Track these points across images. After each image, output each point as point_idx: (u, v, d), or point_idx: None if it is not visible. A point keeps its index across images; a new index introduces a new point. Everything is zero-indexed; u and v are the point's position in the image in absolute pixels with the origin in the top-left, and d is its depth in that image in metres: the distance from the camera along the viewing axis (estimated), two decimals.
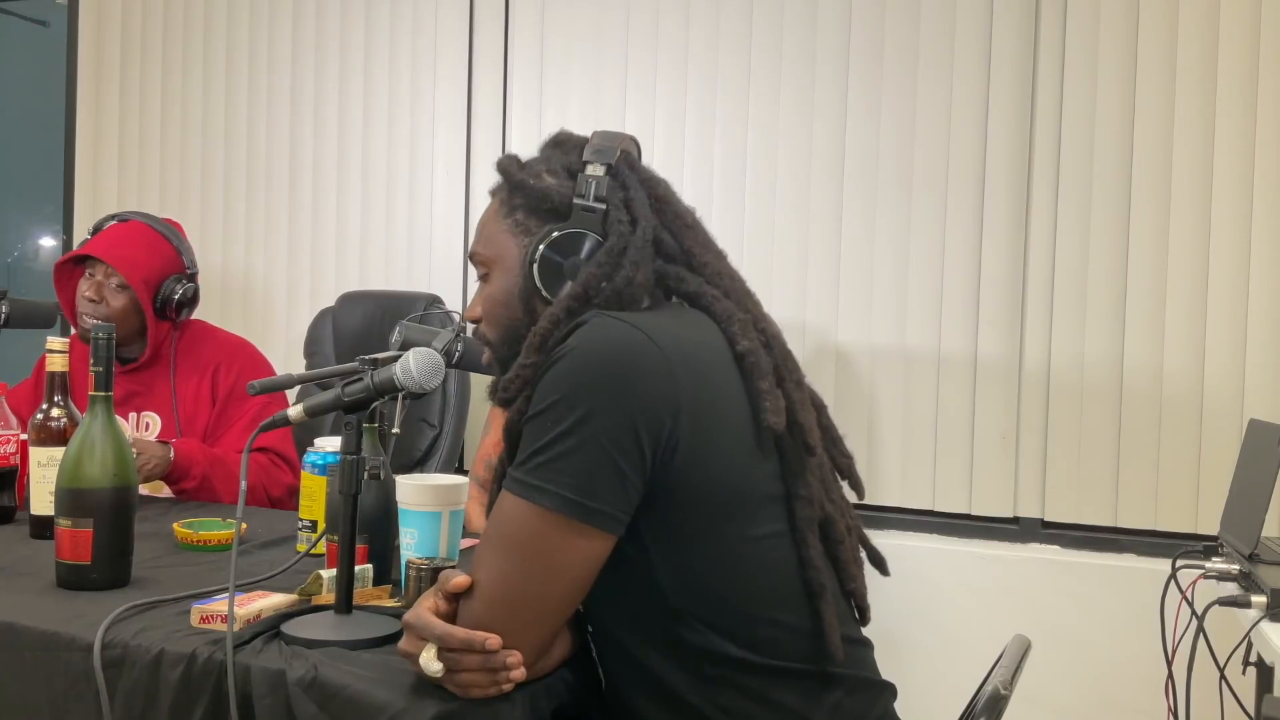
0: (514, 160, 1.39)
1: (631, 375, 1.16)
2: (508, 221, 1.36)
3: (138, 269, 2.32)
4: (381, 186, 3.31)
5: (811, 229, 2.85)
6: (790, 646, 1.25)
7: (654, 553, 1.21)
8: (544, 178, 1.35)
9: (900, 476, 2.78)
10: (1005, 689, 1.33)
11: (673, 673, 1.24)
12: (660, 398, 1.17)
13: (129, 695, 1.27)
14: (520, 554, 1.16)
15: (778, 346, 1.34)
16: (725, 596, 1.23)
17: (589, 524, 1.15)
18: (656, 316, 1.27)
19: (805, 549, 1.26)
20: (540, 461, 1.15)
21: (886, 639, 1.38)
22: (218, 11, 3.49)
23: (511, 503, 1.17)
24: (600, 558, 1.18)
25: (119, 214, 2.47)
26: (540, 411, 1.17)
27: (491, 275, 1.37)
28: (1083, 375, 2.64)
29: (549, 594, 1.18)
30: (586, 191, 1.31)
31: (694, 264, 1.36)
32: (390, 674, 1.20)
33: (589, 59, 3.06)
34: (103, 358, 1.54)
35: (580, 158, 1.33)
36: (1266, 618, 1.66)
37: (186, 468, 2.17)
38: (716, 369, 1.26)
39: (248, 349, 2.50)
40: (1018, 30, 2.69)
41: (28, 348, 2.82)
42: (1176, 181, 2.57)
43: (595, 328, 1.19)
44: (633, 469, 1.16)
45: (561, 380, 1.16)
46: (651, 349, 1.18)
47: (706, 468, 1.20)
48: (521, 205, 1.35)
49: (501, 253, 1.36)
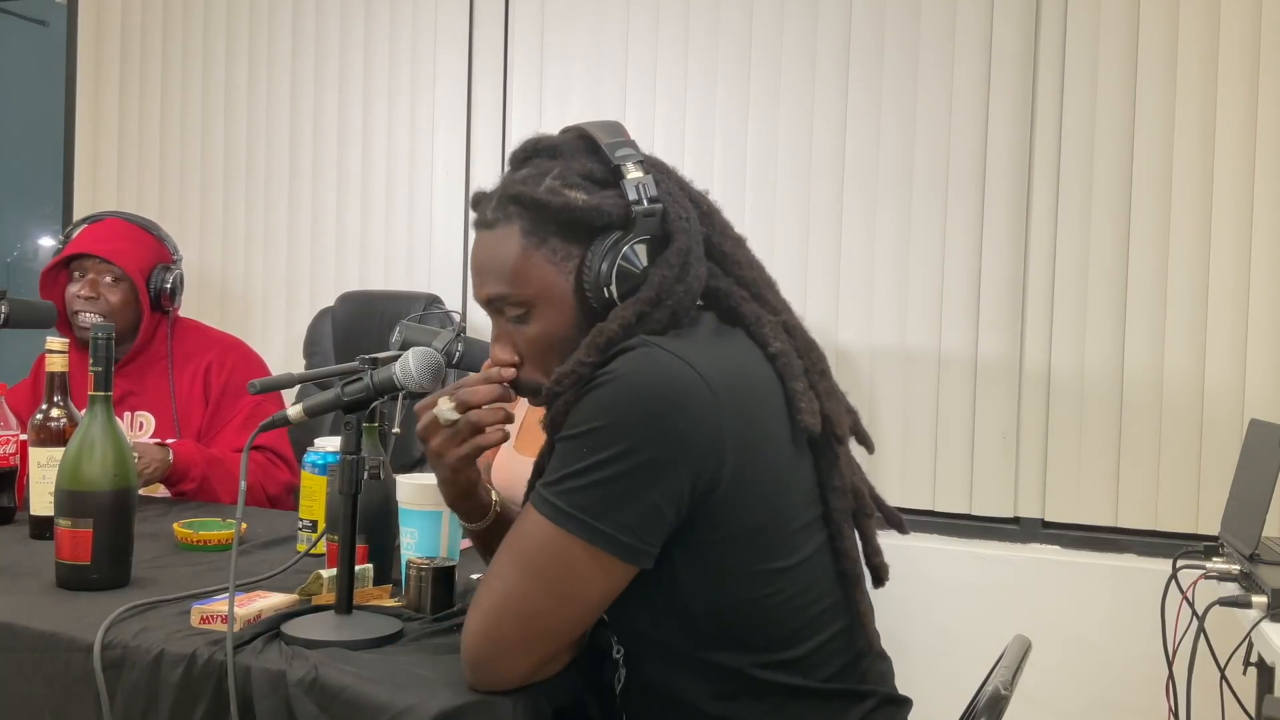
0: (526, 192, 1.24)
1: (678, 415, 1.12)
2: (542, 252, 1.23)
3: (132, 259, 2.33)
4: (381, 186, 3.31)
5: (811, 229, 2.85)
6: (819, 666, 1.24)
7: (685, 581, 1.19)
8: (565, 194, 1.23)
9: (900, 476, 2.78)
10: (1006, 689, 1.33)
11: (694, 688, 1.23)
12: (706, 440, 1.14)
13: (129, 696, 1.27)
14: (539, 574, 1.15)
15: (801, 338, 1.30)
16: (756, 623, 1.21)
17: (615, 555, 1.13)
18: (704, 346, 1.21)
19: (840, 540, 1.25)
20: (573, 486, 1.13)
21: (887, 639, 1.38)
22: (217, 11, 3.49)
23: (538, 522, 1.15)
24: (620, 587, 1.17)
25: (90, 216, 2.49)
26: (578, 434, 1.14)
27: (534, 314, 1.25)
28: (1083, 375, 2.64)
29: (562, 617, 1.17)
30: (641, 196, 1.22)
31: (726, 264, 1.30)
32: (391, 674, 1.20)
33: (589, 58, 3.05)
34: (102, 358, 1.54)
35: (601, 163, 1.25)
36: (1267, 618, 1.66)
37: (185, 470, 2.17)
38: (760, 394, 1.22)
39: (240, 347, 2.50)
40: (1018, 30, 2.68)
41: (27, 348, 2.82)
42: (1177, 181, 2.57)
43: (644, 357, 1.15)
44: (669, 506, 1.13)
45: (605, 408, 1.13)
46: (700, 387, 1.14)
47: (747, 503, 1.18)
48: (554, 231, 1.23)
49: (542, 288, 1.23)
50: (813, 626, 1.24)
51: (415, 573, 1.42)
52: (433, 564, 1.43)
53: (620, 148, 1.25)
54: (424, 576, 1.41)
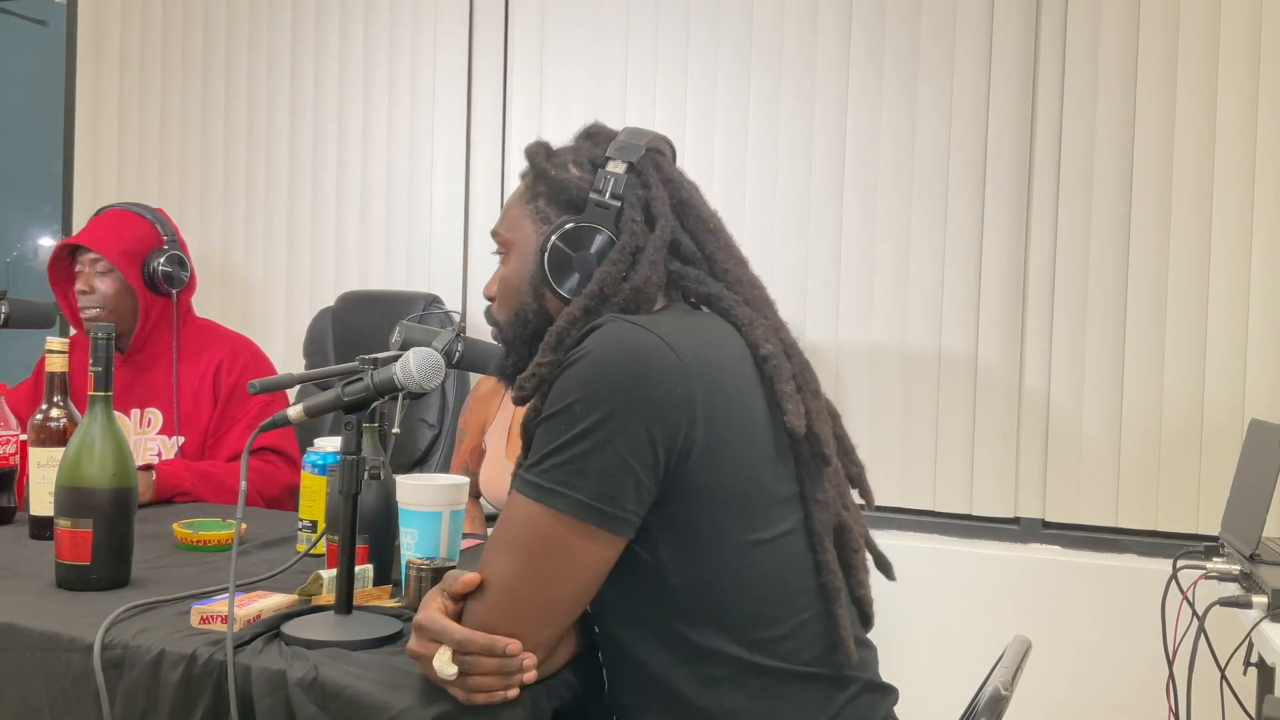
0: (543, 147, 1.40)
1: (647, 380, 1.16)
2: (530, 207, 1.37)
3: (110, 245, 2.33)
4: (381, 186, 3.31)
5: (811, 229, 2.85)
6: (799, 649, 1.24)
7: (664, 553, 1.21)
8: (569, 168, 1.36)
9: (900, 476, 2.78)
10: (1006, 689, 1.33)
11: (679, 675, 1.23)
12: (676, 403, 1.16)
13: (129, 696, 1.27)
14: (530, 556, 1.16)
15: (796, 356, 1.33)
16: (735, 598, 1.22)
17: (601, 527, 1.15)
18: (672, 320, 1.27)
19: (821, 553, 1.26)
20: (554, 464, 1.15)
21: (886, 639, 1.38)
22: (217, 11, 3.49)
23: (522, 504, 1.17)
24: (610, 561, 1.18)
25: (100, 209, 2.49)
26: (554, 414, 1.17)
27: (509, 257, 1.39)
28: (1083, 375, 2.64)
29: (558, 597, 1.18)
30: (604, 187, 1.31)
31: (715, 270, 1.36)
32: (391, 674, 1.20)
33: (589, 59, 3.05)
34: (102, 358, 1.54)
35: (605, 153, 1.34)
36: (1267, 618, 1.66)
37: (170, 490, 2.16)
38: (732, 372, 1.25)
39: (250, 347, 2.50)
40: (1018, 31, 2.68)
41: (28, 348, 2.82)
42: (1177, 181, 2.57)
43: (611, 331, 1.19)
44: (646, 473, 1.16)
45: (577, 383, 1.16)
46: (667, 353, 1.18)
47: (720, 471, 1.20)
48: (544, 193, 1.36)
49: (520, 237, 1.37)
50: (792, 606, 1.24)
51: (415, 573, 1.42)
52: (432, 564, 1.43)
53: (628, 149, 1.33)
54: (424, 577, 1.41)
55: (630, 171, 1.32)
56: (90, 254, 2.33)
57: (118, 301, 2.34)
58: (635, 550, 1.20)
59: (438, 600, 1.18)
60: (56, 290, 2.39)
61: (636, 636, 1.26)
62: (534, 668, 1.15)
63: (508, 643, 1.13)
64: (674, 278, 1.34)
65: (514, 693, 1.15)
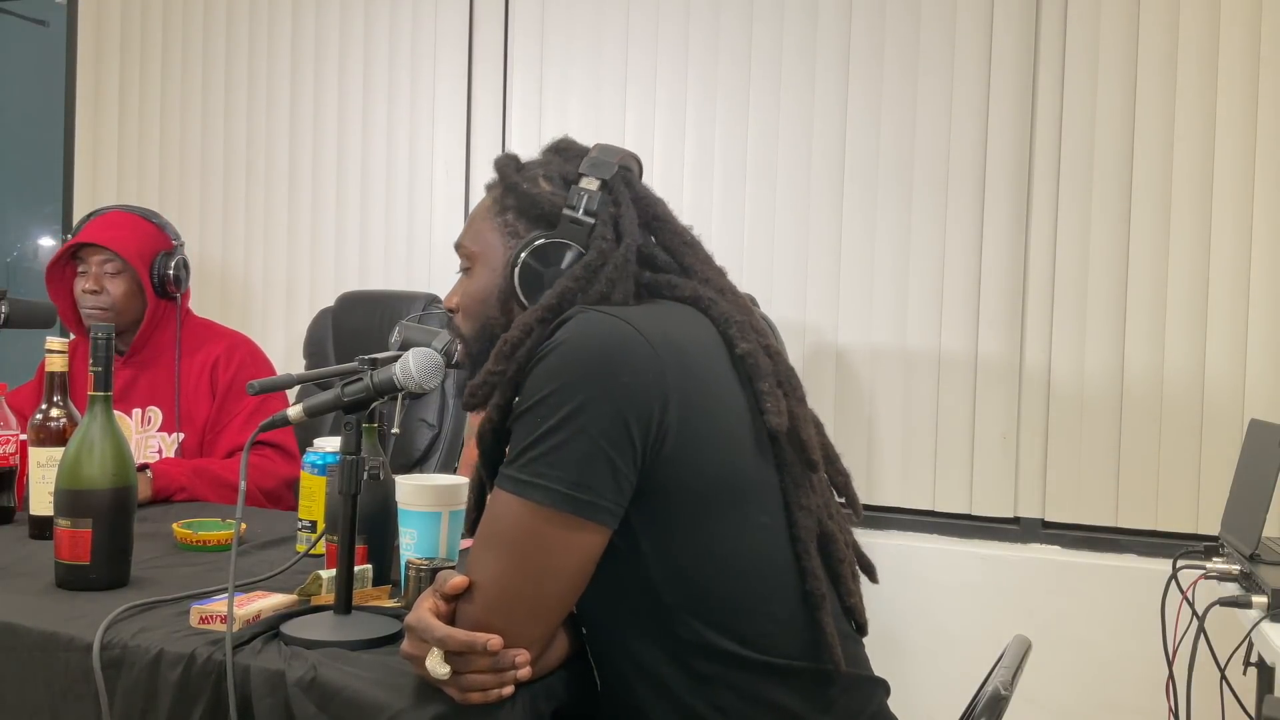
0: (513, 160, 1.39)
1: (619, 367, 1.16)
2: (498, 220, 1.36)
3: (130, 245, 2.33)
4: (381, 186, 3.31)
5: (811, 229, 2.85)
6: (784, 642, 1.24)
7: (645, 546, 1.21)
8: (540, 183, 1.35)
9: (900, 477, 2.78)
10: (1006, 689, 1.33)
11: (667, 671, 1.23)
12: (648, 388, 1.17)
13: (128, 695, 1.27)
14: (516, 551, 1.16)
15: (780, 360, 1.33)
16: (717, 590, 1.22)
17: (583, 517, 1.15)
18: (644, 310, 1.27)
19: (806, 559, 1.26)
20: (532, 457, 1.15)
21: (886, 639, 1.38)
22: (217, 11, 3.49)
23: (504, 500, 1.17)
24: (596, 552, 1.18)
25: (95, 210, 2.49)
26: (529, 407, 1.17)
27: (474, 270, 1.39)
28: (1083, 375, 2.64)
29: (546, 591, 1.17)
30: (577, 204, 1.31)
31: (693, 277, 1.36)
32: (390, 674, 1.20)
33: (589, 59, 3.06)
34: (102, 358, 1.54)
35: (578, 169, 1.34)
36: (1267, 618, 1.66)
37: (167, 489, 2.16)
38: (705, 362, 1.26)
39: (247, 344, 2.50)
40: (1018, 30, 2.68)
41: (28, 348, 2.81)
42: (1177, 181, 2.57)
43: (581, 322, 1.19)
44: (624, 461, 1.16)
45: (549, 375, 1.16)
46: (638, 340, 1.18)
47: (696, 459, 1.20)
48: (513, 207, 1.35)
49: (487, 250, 1.37)
50: (776, 599, 1.24)
51: (414, 573, 1.42)
52: (432, 564, 1.43)
53: (601, 166, 1.33)
54: (423, 577, 1.41)
55: (603, 189, 1.32)
56: (99, 254, 2.33)
57: (127, 303, 2.35)
58: (616, 544, 1.20)
59: (429, 601, 1.18)
60: (54, 292, 2.39)
61: (624, 634, 1.26)
62: (527, 664, 1.15)
63: (488, 639, 1.13)
64: (649, 287, 1.34)
65: (509, 691, 1.15)
